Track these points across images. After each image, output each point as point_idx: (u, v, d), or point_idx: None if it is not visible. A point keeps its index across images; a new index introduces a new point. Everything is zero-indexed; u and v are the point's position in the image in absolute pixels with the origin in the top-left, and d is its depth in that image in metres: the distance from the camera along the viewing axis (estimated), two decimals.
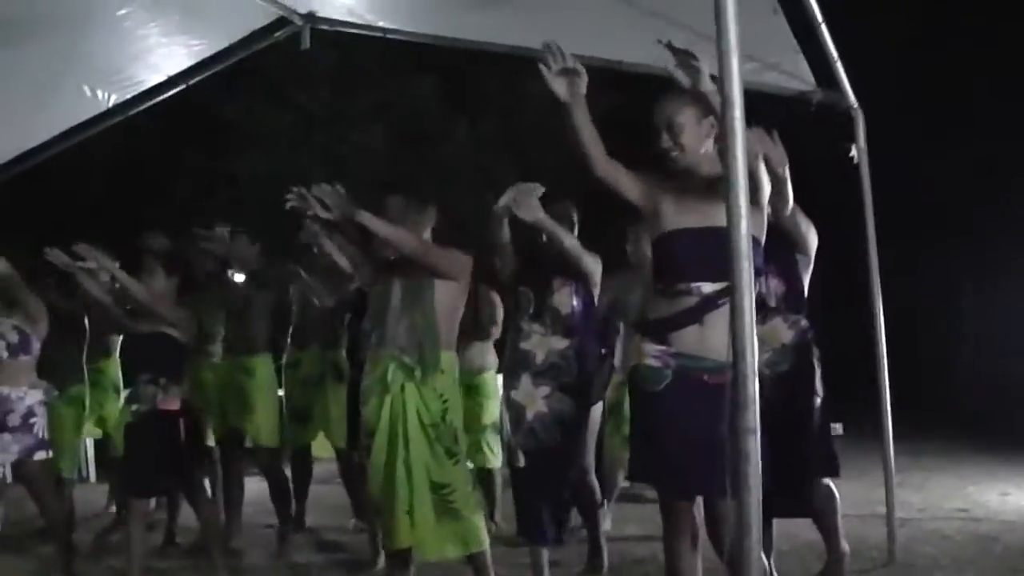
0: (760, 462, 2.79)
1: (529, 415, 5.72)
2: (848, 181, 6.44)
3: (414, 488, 5.07)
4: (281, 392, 7.39)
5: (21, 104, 7.01)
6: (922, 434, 11.61)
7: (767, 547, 5.16)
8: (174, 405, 5.85)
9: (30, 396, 6.06)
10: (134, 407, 5.89)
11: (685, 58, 3.61)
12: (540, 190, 5.30)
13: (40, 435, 6.04)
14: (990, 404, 15.33)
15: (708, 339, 3.82)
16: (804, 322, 5.18)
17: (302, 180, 5.54)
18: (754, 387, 2.78)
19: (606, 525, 6.86)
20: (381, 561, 6.36)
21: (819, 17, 5.42)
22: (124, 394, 8.01)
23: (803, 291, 5.24)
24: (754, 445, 2.76)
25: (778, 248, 4.59)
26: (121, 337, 7.87)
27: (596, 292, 5.90)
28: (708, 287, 3.84)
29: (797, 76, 6.16)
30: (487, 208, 5.83)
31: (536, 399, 5.73)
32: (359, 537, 7.41)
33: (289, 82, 15.72)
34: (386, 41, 7.51)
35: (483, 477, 7.52)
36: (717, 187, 3.56)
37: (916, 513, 7.89)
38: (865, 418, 7.22)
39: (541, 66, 3.80)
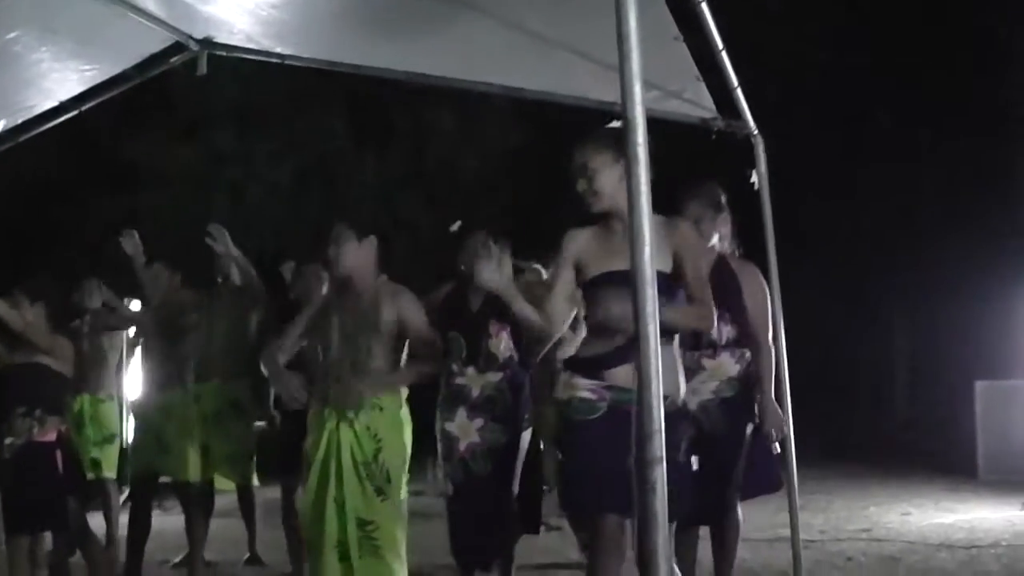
0: (666, 490, 2.76)
1: (462, 447, 6.02)
2: (751, 207, 6.50)
3: (344, 525, 5.12)
4: None
5: None
6: (825, 457, 11.78)
7: (692, 558, 5.53)
8: (50, 436, 5.69)
9: None
10: (8, 440, 5.70)
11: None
12: (502, 255, 5.21)
13: None
14: (890, 426, 15.63)
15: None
16: (748, 354, 5.47)
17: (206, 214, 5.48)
18: (659, 416, 2.75)
19: None
20: None
21: (719, 44, 5.45)
22: None
23: (749, 331, 5.48)
24: (660, 474, 2.72)
25: (727, 294, 4.72)
26: None
27: None
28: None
29: (699, 104, 6.19)
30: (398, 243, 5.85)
31: (471, 431, 6.02)
32: (255, 570, 7.30)
33: (189, 111, 15.49)
34: (291, 69, 7.42)
35: None
36: None
37: (819, 535, 7.99)
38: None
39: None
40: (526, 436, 6.19)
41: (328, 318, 5.36)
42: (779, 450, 5.69)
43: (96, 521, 6.92)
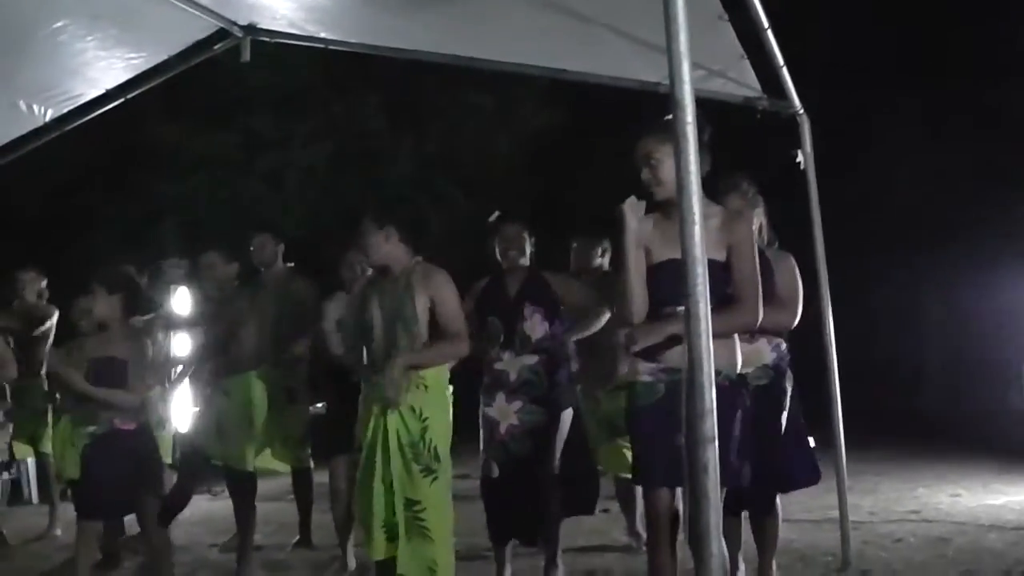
0: (718, 470, 2.76)
1: (502, 429, 6.14)
2: (796, 187, 6.47)
3: (392, 506, 5.20)
4: None
5: None
6: (872, 438, 11.68)
7: (736, 543, 5.53)
8: (130, 425, 5.75)
9: None
10: (90, 428, 5.77)
11: None
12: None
13: None
14: (940, 407, 15.49)
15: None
16: (784, 346, 5.55)
17: (246, 200, 5.52)
18: (711, 397, 2.74)
19: None
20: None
21: (765, 23, 5.41)
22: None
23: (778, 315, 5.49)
24: (712, 455, 2.71)
25: (764, 286, 4.73)
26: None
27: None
28: None
29: (743, 83, 6.16)
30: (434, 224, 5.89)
31: (509, 414, 6.14)
32: (303, 553, 7.36)
33: (232, 97, 15.53)
34: (330, 54, 7.44)
35: None
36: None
37: (868, 517, 7.92)
38: (814, 423, 7.23)
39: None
40: (566, 417, 6.25)
41: (367, 306, 5.41)
42: (813, 443, 5.71)
43: None
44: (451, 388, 7.15)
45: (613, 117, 14.97)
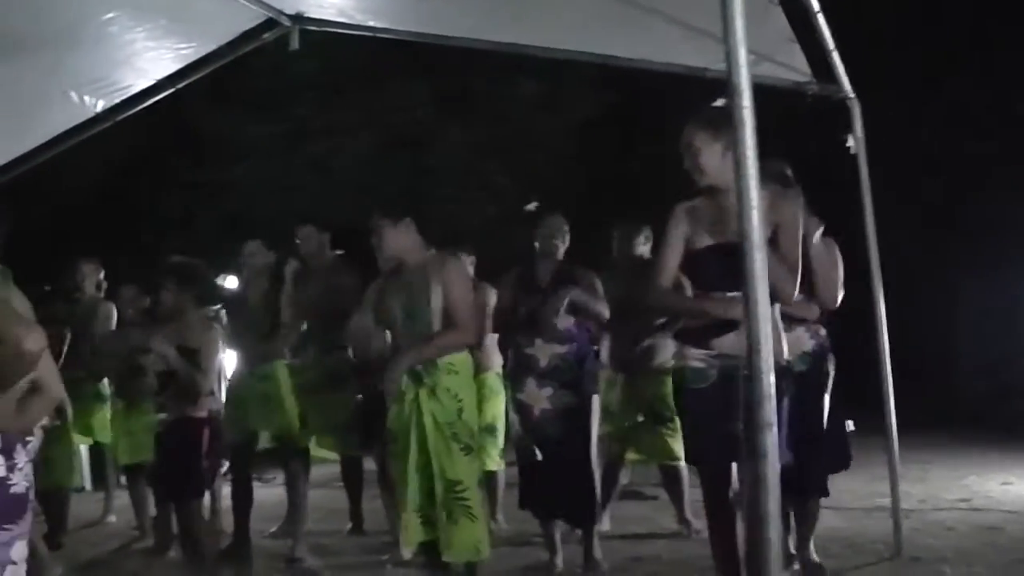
0: (776, 456, 2.76)
1: (535, 412, 6.24)
2: (847, 172, 6.42)
3: (433, 489, 5.27)
4: None
5: (9, 113, 6.91)
6: (920, 425, 11.57)
7: (784, 529, 5.55)
8: (202, 413, 5.84)
9: None
10: (163, 416, 5.88)
11: None
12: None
13: None
14: (989, 394, 15.32)
15: (744, 340, 3.91)
16: (823, 331, 5.67)
17: (293, 187, 5.58)
18: (769, 383, 2.73)
19: (605, 525, 6.99)
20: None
21: (816, 6, 5.37)
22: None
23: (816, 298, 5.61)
24: (771, 440, 2.71)
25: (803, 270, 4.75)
26: None
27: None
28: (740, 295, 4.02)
29: (793, 67, 6.11)
30: (481, 212, 5.95)
31: (541, 398, 6.24)
32: (357, 540, 7.40)
33: (279, 86, 15.59)
34: (377, 41, 7.45)
35: (485, 478, 7.49)
36: None
37: (918, 505, 7.86)
38: (863, 410, 7.19)
39: None
40: (596, 402, 6.37)
41: (388, 299, 5.52)
42: (852, 426, 5.73)
43: None
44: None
45: (658, 102, 14.98)
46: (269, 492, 8.61)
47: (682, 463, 6.99)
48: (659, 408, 6.97)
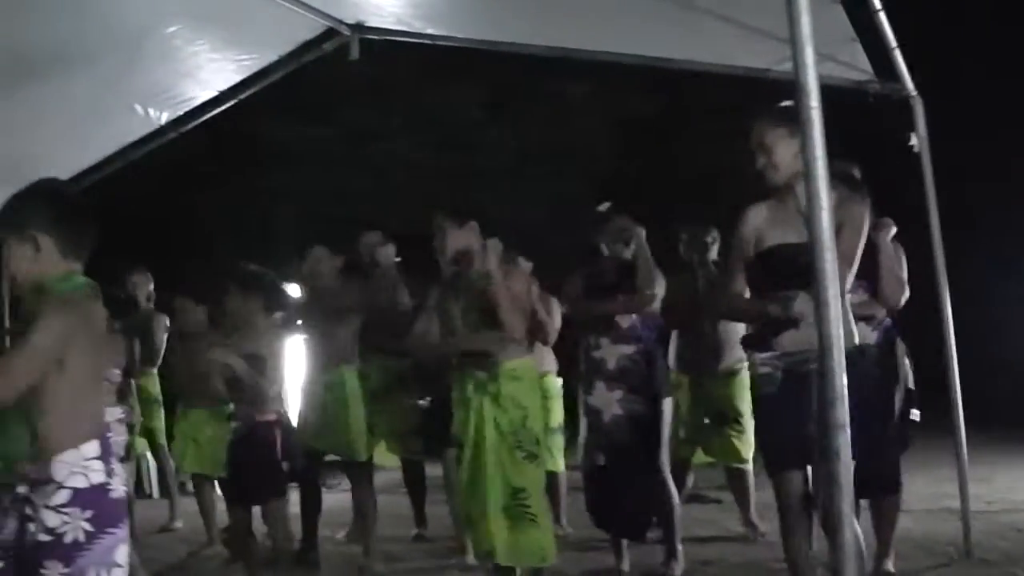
0: (850, 457, 2.74)
1: (606, 417, 6.16)
2: (910, 170, 6.36)
3: (498, 496, 5.27)
4: None
5: (75, 126, 7.04)
6: (985, 425, 11.43)
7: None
8: (271, 417, 5.92)
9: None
10: (235, 424, 5.96)
11: None
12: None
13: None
14: None
15: (805, 336, 3.97)
16: (889, 321, 5.63)
17: (353, 192, 5.63)
18: (841, 382, 2.72)
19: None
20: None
21: (877, 4, 5.34)
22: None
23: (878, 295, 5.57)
24: (844, 441, 2.69)
25: (866, 266, 4.72)
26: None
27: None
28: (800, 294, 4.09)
29: (854, 66, 6.06)
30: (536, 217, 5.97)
31: (611, 402, 6.15)
32: (422, 546, 7.43)
33: (336, 92, 15.69)
34: (433, 49, 7.48)
35: (548, 481, 7.49)
36: None
37: (985, 507, 7.75)
38: (929, 411, 7.11)
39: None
40: (667, 406, 6.28)
41: (449, 304, 5.55)
42: (918, 415, 5.74)
43: None
44: (560, 380, 7.25)
45: (711, 103, 14.92)
46: (335, 498, 8.65)
47: (748, 465, 6.98)
48: (725, 409, 6.96)
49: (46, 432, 3.10)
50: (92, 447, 3.17)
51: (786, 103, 4.23)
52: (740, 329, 6.46)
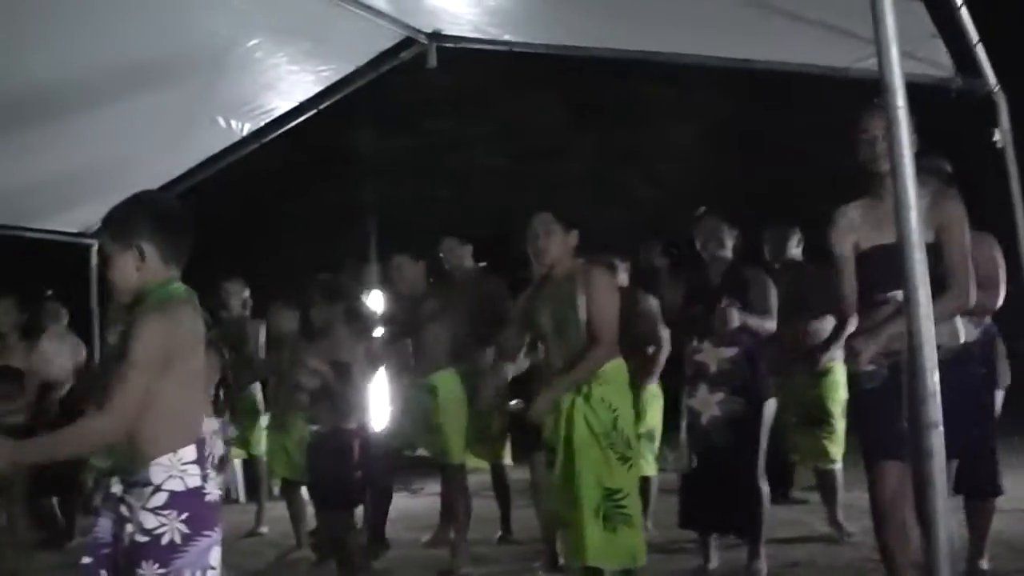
0: (943, 455, 2.73)
1: (704, 420, 6.18)
2: (993, 167, 6.27)
3: (592, 497, 5.26)
4: None
5: (161, 137, 7.21)
6: None
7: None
8: (352, 425, 5.99)
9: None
10: (314, 427, 6.05)
11: None
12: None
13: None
14: None
15: None
16: (988, 319, 5.52)
17: (433, 200, 5.69)
18: (933, 381, 2.71)
19: None
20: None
21: (958, 1, 5.27)
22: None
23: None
24: (937, 439, 2.68)
25: None
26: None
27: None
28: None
29: (935, 63, 5.99)
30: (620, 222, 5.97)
31: (711, 404, 6.17)
32: (508, 549, 7.47)
33: (415, 101, 15.80)
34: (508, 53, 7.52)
35: (640, 485, 7.50)
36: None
37: None
38: (1018, 410, 7.00)
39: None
40: (769, 408, 6.24)
41: (538, 309, 5.57)
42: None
43: None
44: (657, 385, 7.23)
45: (792, 103, 14.79)
46: (420, 502, 8.74)
47: (838, 465, 6.93)
48: (814, 410, 6.94)
49: (145, 435, 3.19)
50: (189, 451, 3.26)
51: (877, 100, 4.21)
52: (826, 329, 6.48)
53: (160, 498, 3.20)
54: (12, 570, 6.94)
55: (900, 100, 2.80)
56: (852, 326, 4.42)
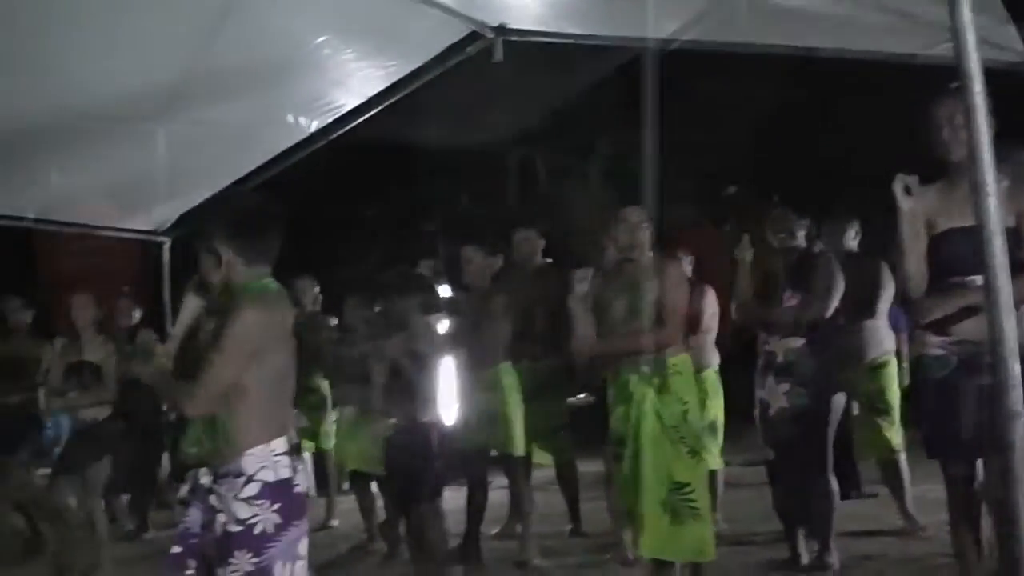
0: None
1: (772, 411, 6.14)
2: None
3: (660, 490, 5.29)
4: None
5: (232, 136, 7.29)
6: None
7: None
8: (430, 418, 6.04)
9: None
10: (392, 421, 6.10)
11: None
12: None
13: None
14: None
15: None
16: None
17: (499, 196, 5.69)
18: (1015, 369, 2.67)
19: None
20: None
21: None
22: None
23: None
24: (1020, 431, 2.65)
25: None
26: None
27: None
28: (980, 280, 3.89)
29: (1007, 47, 5.90)
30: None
31: (779, 396, 6.13)
32: (578, 541, 7.48)
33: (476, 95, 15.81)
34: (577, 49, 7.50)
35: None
36: None
37: None
38: None
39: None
40: (837, 401, 6.19)
41: (610, 299, 5.58)
42: None
43: None
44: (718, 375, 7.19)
45: (854, 90, 14.60)
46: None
47: (902, 454, 6.86)
48: (875, 401, 6.87)
49: (238, 427, 3.26)
50: (280, 443, 3.32)
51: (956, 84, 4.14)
52: (883, 321, 6.46)
53: (253, 488, 3.27)
54: (90, 564, 7.06)
55: (978, 86, 2.77)
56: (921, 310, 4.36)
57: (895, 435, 6.95)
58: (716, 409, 7.32)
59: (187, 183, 7.91)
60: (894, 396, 6.98)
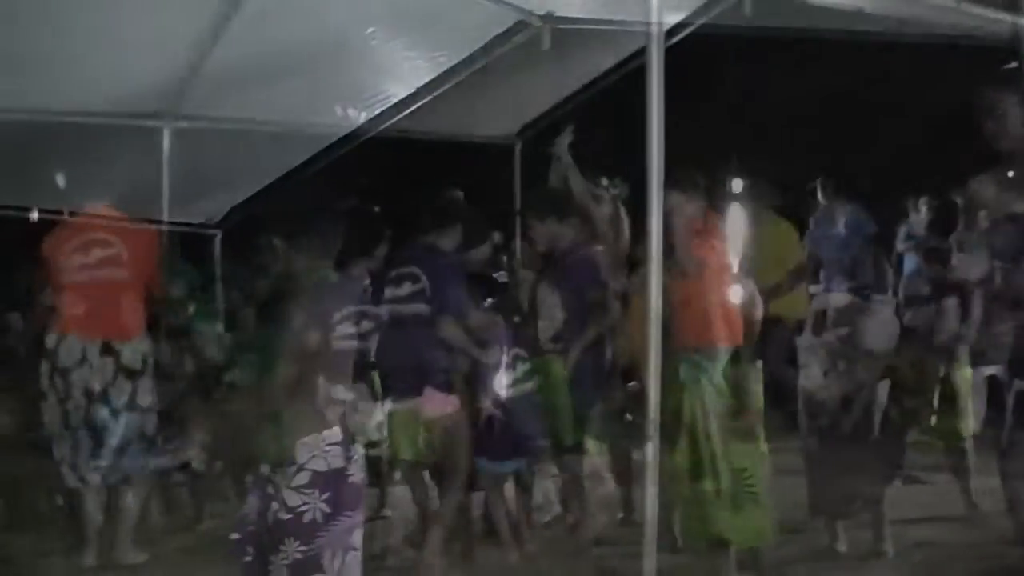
0: None
1: (816, 399, 6.15)
2: None
3: (719, 476, 5.32)
4: None
5: (281, 128, 7.34)
6: None
7: None
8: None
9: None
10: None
11: None
12: None
13: None
14: None
15: None
16: None
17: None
18: None
19: None
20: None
21: None
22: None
23: None
24: None
25: None
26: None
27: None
28: None
29: None
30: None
31: (821, 384, 6.12)
32: (629, 529, 7.44)
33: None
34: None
35: None
36: None
37: None
38: None
39: None
40: (882, 388, 6.17)
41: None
42: None
43: None
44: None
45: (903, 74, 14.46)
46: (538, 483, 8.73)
47: (968, 443, 6.80)
48: (944, 388, 6.81)
49: (292, 416, 3.28)
50: (333, 433, 3.34)
51: (1009, 66, 4.11)
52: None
53: (303, 477, 3.30)
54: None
55: None
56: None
57: (963, 423, 6.89)
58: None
59: (237, 176, 7.97)
60: (963, 382, 6.91)
